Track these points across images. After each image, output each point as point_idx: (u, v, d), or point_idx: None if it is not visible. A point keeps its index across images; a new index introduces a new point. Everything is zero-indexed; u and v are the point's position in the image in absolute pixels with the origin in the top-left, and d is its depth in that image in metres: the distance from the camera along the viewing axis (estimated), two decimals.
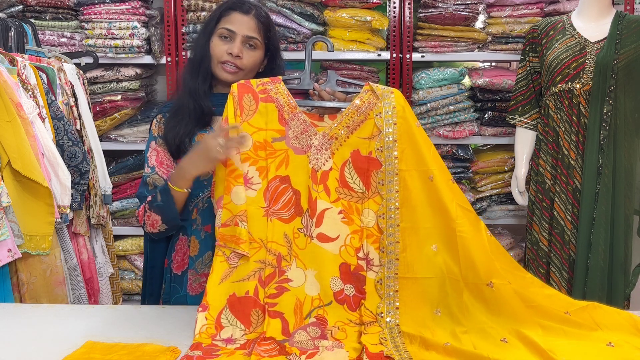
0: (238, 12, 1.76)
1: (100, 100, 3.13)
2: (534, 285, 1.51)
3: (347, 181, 1.54)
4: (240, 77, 1.75)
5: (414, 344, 1.37)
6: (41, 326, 1.52)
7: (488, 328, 1.41)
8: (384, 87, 1.57)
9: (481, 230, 1.49)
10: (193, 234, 1.74)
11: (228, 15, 1.76)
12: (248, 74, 1.77)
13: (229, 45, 1.74)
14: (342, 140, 1.55)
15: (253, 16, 1.76)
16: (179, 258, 1.77)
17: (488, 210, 3.30)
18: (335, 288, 1.49)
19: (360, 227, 1.52)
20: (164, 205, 1.64)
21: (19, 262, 2.01)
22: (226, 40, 1.75)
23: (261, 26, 1.77)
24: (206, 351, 1.35)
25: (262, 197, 1.53)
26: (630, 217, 2.50)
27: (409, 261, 1.48)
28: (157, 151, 1.77)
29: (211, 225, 1.69)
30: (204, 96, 1.75)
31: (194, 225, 1.75)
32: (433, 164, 1.50)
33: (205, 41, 1.77)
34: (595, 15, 2.54)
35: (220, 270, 1.50)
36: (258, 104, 1.56)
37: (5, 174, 1.95)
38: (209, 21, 1.80)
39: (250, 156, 1.54)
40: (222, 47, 1.74)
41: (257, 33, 1.76)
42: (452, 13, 3.06)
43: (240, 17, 1.75)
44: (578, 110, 2.51)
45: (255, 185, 1.54)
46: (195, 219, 1.75)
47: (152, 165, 1.76)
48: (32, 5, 3.10)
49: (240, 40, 1.74)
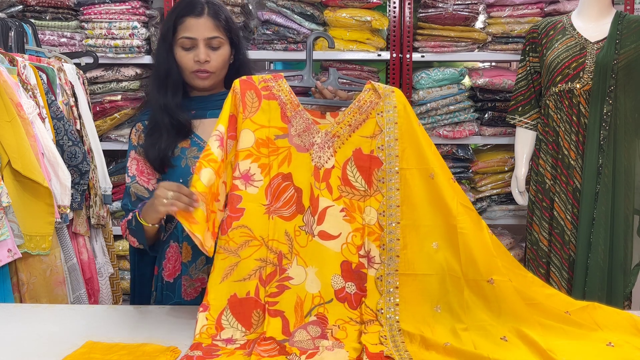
0: (192, 17, 1.69)
1: (100, 100, 3.13)
2: (535, 284, 1.51)
3: (349, 179, 1.54)
4: (214, 80, 1.74)
5: (414, 344, 1.37)
6: (41, 326, 1.52)
7: (488, 326, 1.41)
8: (386, 86, 1.57)
9: (483, 228, 1.49)
10: (185, 240, 1.72)
11: (183, 23, 1.69)
12: (220, 73, 1.75)
13: (194, 53, 1.69)
14: (345, 138, 1.55)
15: (208, 16, 1.69)
16: (170, 265, 1.75)
17: (488, 210, 3.30)
18: (337, 286, 1.49)
19: (362, 224, 1.52)
20: (137, 231, 1.63)
21: (19, 262, 2.01)
22: (189, 49, 1.69)
23: (218, 23, 1.71)
24: (206, 351, 1.35)
25: (264, 194, 1.53)
26: (630, 217, 2.49)
27: (410, 258, 1.48)
28: (137, 160, 1.75)
29: None
30: (177, 110, 1.71)
31: (184, 231, 1.72)
32: (434, 162, 1.51)
33: (166, 54, 1.72)
34: (595, 15, 2.55)
35: (221, 268, 1.49)
36: (261, 101, 1.56)
37: (5, 174, 1.95)
38: (165, 32, 1.73)
39: (253, 153, 1.54)
40: (188, 56, 1.69)
41: (217, 31, 1.70)
42: (452, 13, 3.06)
43: (195, 22, 1.68)
44: (578, 110, 2.51)
45: (257, 183, 1.53)
46: None
47: (132, 174, 1.75)
48: (32, 5, 3.10)
49: (203, 44, 1.68)
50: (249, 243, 1.50)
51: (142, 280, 1.83)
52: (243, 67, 1.79)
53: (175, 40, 1.71)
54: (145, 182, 1.74)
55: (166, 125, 1.70)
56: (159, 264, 1.77)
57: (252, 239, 1.51)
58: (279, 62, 4.14)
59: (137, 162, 1.76)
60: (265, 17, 3.09)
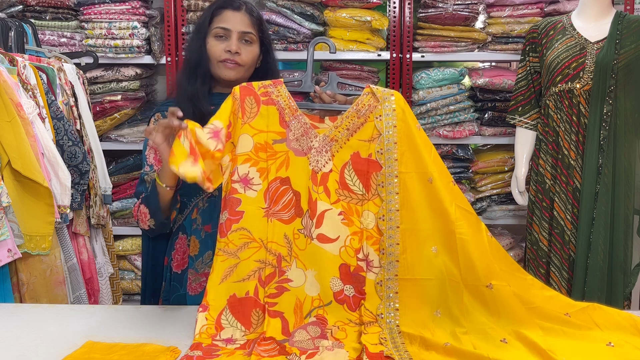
0: (230, 10, 1.76)
1: (100, 100, 3.13)
2: (534, 287, 1.51)
3: (347, 183, 1.55)
4: (242, 74, 1.77)
5: (414, 344, 1.37)
6: (41, 326, 1.52)
7: (488, 329, 1.41)
8: (384, 89, 1.58)
9: (481, 231, 1.49)
10: (193, 234, 1.74)
11: (220, 14, 1.77)
12: (248, 69, 1.78)
13: (226, 44, 1.74)
14: (342, 142, 1.56)
15: (245, 12, 1.77)
16: (179, 257, 1.77)
17: (488, 210, 3.30)
18: (335, 288, 1.50)
19: (360, 228, 1.53)
20: (150, 196, 1.63)
21: (19, 262, 2.01)
22: (222, 39, 1.75)
23: (254, 20, 1.78)
24: (206, 351, 1.35)
25: (263, 197, 1.54)
26: (630, 217, 2.49)
27: (409, 263, 1.48)
28: (156, 149, 1.76)
29: (211, 225, 1.70)
30: (203, 99, 1.74)
31: (194, 224, 1.74)
32: (433, 166, 1.50)
33: (200, 43, 1.77)
34: (595, 15, 2.55)
35: (220, 270, 1.50)
36: (259, 106, 1.57)
37: (5, 174, 1.95)
38: (202, 23, 1.79)
39: (251, 157, 1.55)
40: (220, 46, 1.75)
41: (252, 28, 1.77)
42: (452, 13, 3.06)
43: (232, 14, 1.76)
44: (578, 110, 2.51)
45: (255, 186, 1.54)
46: (195, 218, 1.75)
47: (150, 163, 1.77)
48: (32, 5, 3.10)
49: (236, 36, 1.74)
50: (248, 245, 1.51)
51: (155, 270, 1.84)
52: (269, 72, 1.82)
53: (210, 30, 1.76)
54: None
55: (189, 115, 1.70)
56: (169, 254, 1.79)
57: (252, 240, 1.51)
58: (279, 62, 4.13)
59: (155, 151, 1.77)
60: (265, 17, 3.08)
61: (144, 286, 1.91)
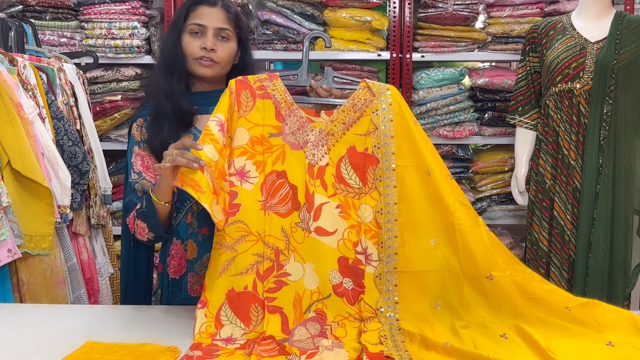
0: (205, 6, 1.72)
1: (100, 100, 3.13)
2: (534, 280, 1.51)
3: (343, 177, 1.55)
4: (218, 71, 1.73)
5: (414, 343, 1.37)
6: (41, 326, 1.52)
7: (488, 323, 1.41)
8: (380, 84, 1.58)
9: (480, 225, 1.49)
10: (190, 238, 1.72)
11: (195, 10, 1.72)
12: (224, 66, 1.74)
13: (201, 40, 1.70)
14: (338, 136, 1.56)
15: (221, 7, 1.73)
16: (175, 262, 1.75)
17: (488, 210, 3.30)
18: (334, 281, 1.50)
19: (358, 222, 1.53)
20: (147, 212, 1.58)
21: (19, 262, 2.01)
22: (197, 35, 1.71)
23: (231, 17, 1.73)
24: (206, 351, 1.35)
25: (259, 190, 1.54)
26: (630, 217, 2.50)
27: (408, 255, 1.48)
28: (142, 156, 1.73)
29: (208, 227, 1.69)
30: (180, 97, 1.70)
31: (189, 229, 1.73)
32: (430, 159, 1.51)
33: (175, 40, 1.72)
34: (595, 15, 2.55)
35: (218, 264, 1.50)
36: (255, 100, 1.57)
37: (5, 174, 1.95)
38: (177, 19, 1.75)
39: (247, 150, 1.55)
40: (195, 43, 1.70)
41: (228, 24, 1.72)
42: (452, 13, 3.06)
43: (208, 10, 1.71)
44: (578, 110, 2.51)
45: (252, 179, 1.54)
46: (190, 222, 1.73)
47: (138, 170, 1.71)
48: (32, 5, 3.10)
49: (212, 33, 1.70)
50: (245, 238, 1.51)
51: (138, 280, 1.80)
52: (247, 69, 1.79)
53: (185, 26, 1.72)
54: (152, 177, 1.70)
55: (168, 114, 1.69)
56: (164, 261, 1.77)
57: (249, 234, 1.51)
58: (279, 62, 4.15)
59: (142, 157, 1.73)
60: (265, 17, 3.10)
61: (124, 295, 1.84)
